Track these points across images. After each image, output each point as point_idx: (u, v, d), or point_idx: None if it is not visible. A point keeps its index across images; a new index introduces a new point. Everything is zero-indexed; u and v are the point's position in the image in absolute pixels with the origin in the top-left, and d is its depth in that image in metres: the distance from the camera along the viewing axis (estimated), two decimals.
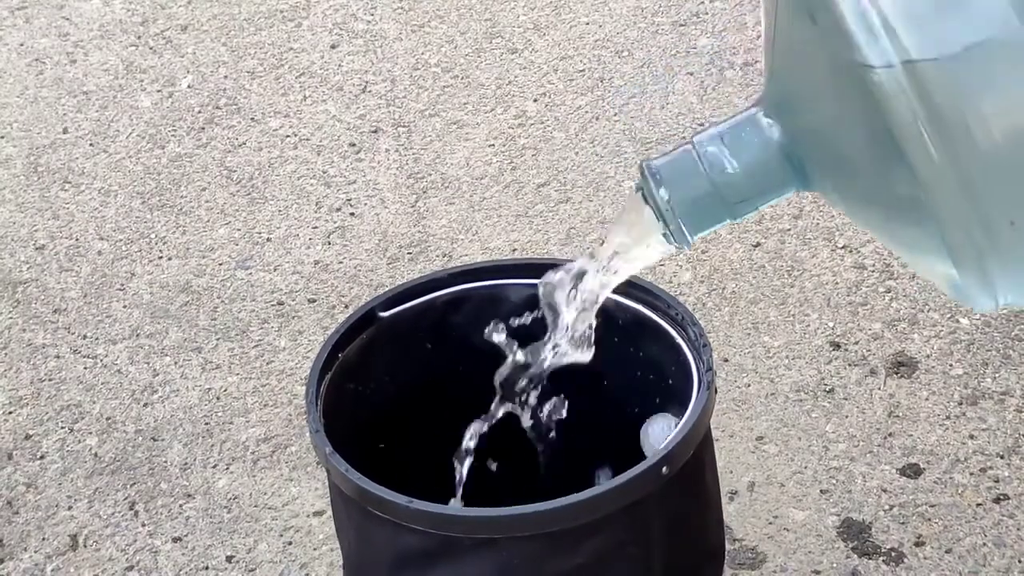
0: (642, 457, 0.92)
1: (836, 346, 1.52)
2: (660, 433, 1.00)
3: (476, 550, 0.90)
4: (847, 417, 1.44)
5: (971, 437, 1.41)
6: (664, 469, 0.90)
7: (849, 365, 1.49)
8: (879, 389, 1.47)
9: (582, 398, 1.08)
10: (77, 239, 1.76)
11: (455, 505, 1.03)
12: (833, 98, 0.79)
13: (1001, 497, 1.35)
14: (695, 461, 0.94)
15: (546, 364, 0.99)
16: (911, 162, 0.75)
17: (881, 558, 1.31)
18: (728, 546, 1.33)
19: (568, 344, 0.97)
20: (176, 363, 1.58)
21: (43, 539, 1.41)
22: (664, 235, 0.88)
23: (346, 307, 1.62)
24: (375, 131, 1.89)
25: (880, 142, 0.76)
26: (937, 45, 0.74)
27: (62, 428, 1.52)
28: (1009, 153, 0.75)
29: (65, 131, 1.94)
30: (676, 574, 0.95)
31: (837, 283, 1.59)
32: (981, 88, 0.74)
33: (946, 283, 0.81)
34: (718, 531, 1.03)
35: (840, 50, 0.76)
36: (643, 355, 1.04)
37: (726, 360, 1.51)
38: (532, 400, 1.03)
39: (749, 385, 1.48)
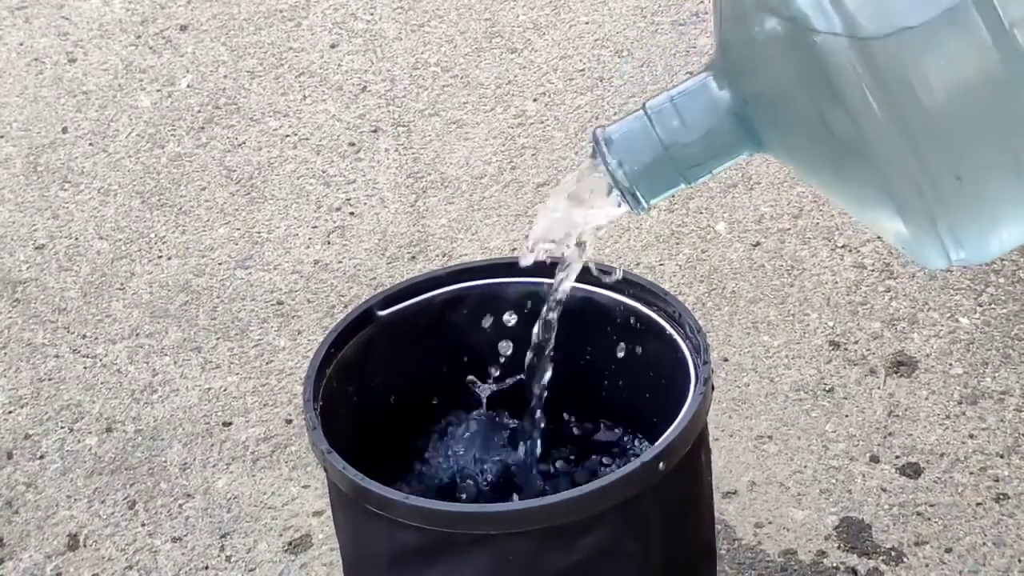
0: (638, 454, 0.92)
1: (836, 345, 1.52)
2: None
3: (473, 547, 0.90)
4: (847, 416, 1.44)
5: (971, 436, 1.41)
6: (661, 465, 0.90)
7: (849, 364, 1.49)
8: (879, 388, 1.47)
9: (580, 395, 1.08)
10: (76, 239, 1.76)
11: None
12: (780, 61, 0.80)
13: (1001, 496, 1.35)
14: (691, 457, 0.94)
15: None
16: (856, 123, 0.76)
17: (881, 558, 1.31)
18: (727, 545, 1.33)
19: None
20: (176, 363, 1.58)
21: (43, 539, 1.41)
22: (620, 202, 0.88)
23: (345, 307, 1.62)
24: (375, 131, 1.89)
25: (827, 102, 0.77)
26: (885, 22, 0.74)
27: (62, 428, 1.52)
28: (952, 111, 0.75)
29: (65, 131, 1.94)
30: (673, 570, 0.95)
31: (837, 282, 1.59)
32: (924, 57, 0.74)
33: (899, 240, 0.81)
34: (711, 528, 1.03)
35: (784, 14, 0.77)
36: (640, 352, 1.04)
37: (726, 360, 1.51)
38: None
39: (749, 384, 1.48)
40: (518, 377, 1.04)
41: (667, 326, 1.02)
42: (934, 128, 0.75)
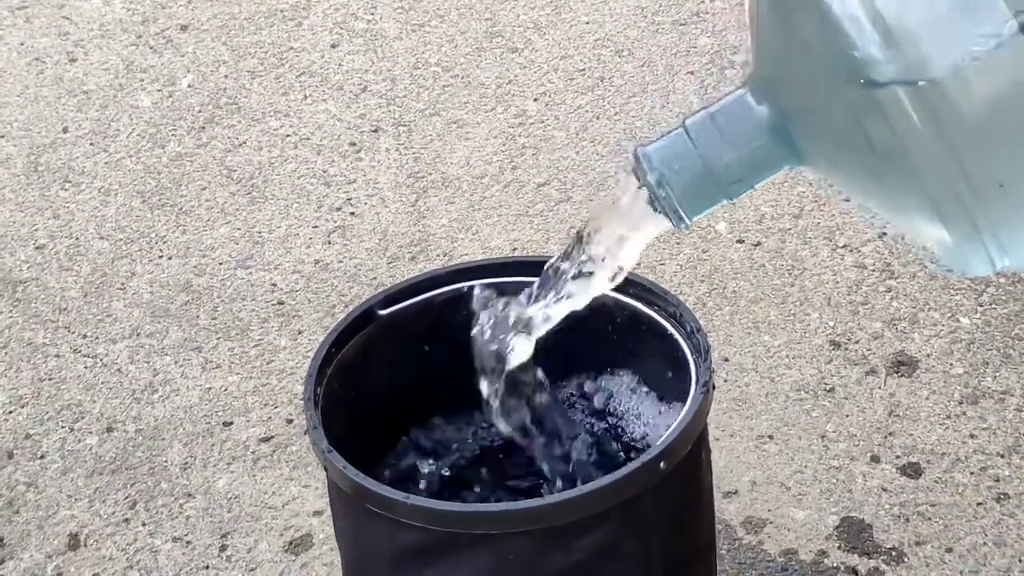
0: (639, 453, 0.91)
1: (836, 345, 1.51)
2: None
3: (474, 546, 0.90)
4: (847, 416, 1.44)
5: (971, 436, 1.41)
6: (661, 464, 0.90)
7: (849, 364, 1.49)
8: (879, 388, 1.47)
9: (580, 394, 1.08)
10: (77, 238, 1.76)
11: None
12: (820, 77, 0.80)
13: (1001, 496, 1.35)
14: (692, 457, 0.94)
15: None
16: (898, 136, 0.76)
17: (881, 558, 1.31)
18: (728, 545, 1.33)
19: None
20: (176, 362, 1.58)
21: (44, 538, 1.41)
22: (661, 218, 0.88)
23: (346, 306, 1.62)
24: (375, 130, 1.89)
25: (869, 117, 0.77)
26: (931, 51, 0.75)
27: (62, 428, 1.52)
28: (994, 121, 0.75)
29: (65, 130, 1.94)
30: (673, 570, 0.95)
31: (837, 282, 1.59)
32: (967, 74, 0.75)
33: (942, 249, 0.81)
34: (712, 528, 1.03)
35: (826, 34, 0.77)
36: (641, 351, 1.04)
37: (726, 359, 1.51)
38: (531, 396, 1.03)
39: (749, 384, 1.48)
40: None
41: (668, 326, 1.02)
42: (976, 138, 0.76)
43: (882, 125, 0.77)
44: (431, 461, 1.06)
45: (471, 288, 1.07)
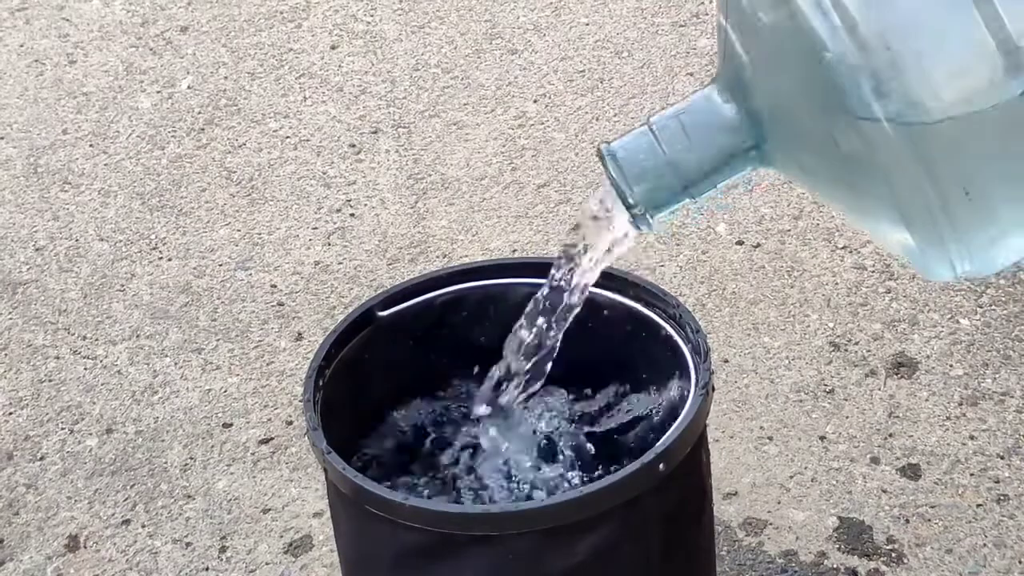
0: (639, 455, 0.91)
1: (836, 347, 1.52)
2: None
3: (474, 547, 0.90)
4: (847, 418, 1.44)
5: (971, 438, 1.41)
6: (661, 466, 0.90)
7: (849, 366, 1.49)
8: (879, 390, 1.47)
9: (579, 396, 1.08)
10: (77, 240, 1.76)
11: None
12: (788, 77, 0.80)
13: (1001, 498, 1.35)
14: (691, 458, 0.94)
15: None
16: (867, 141, 0.76)
17: (881, 558, 1.31)
18: (728, 546, 1.33)
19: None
20: (176, 364, 1.58)
21: (43, 540, 1.41)
22: (628, 218, 0.88)
23: (346, 308, 1.62)
24: (375, 132, 1.89)
25: (837, 121, 0.77)
26: (897, 50, 0.75)
27: (62, 429, 1.52)
28: (961, 126, 0.75)
29: (65, 132, 1.94)
30: (673, 570, 0.95)
31: (837, 284, 1.59)
32: (936, 82, 0.75)
33: (905, 252, 0.81)
34: (711, 529, 1.03)
35: (797, 33, 0.77)
36: (641, 353, 1.04)
37: (726, 361, 1.51)
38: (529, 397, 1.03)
39: (749, 386, 1.48)
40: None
41: (667, 327, 1.02)
42: (944, 146, 0.76)
43: (852, 134, 0.77)
44: (430, 460, 1.06)
45: (472, 290, 1.07)
